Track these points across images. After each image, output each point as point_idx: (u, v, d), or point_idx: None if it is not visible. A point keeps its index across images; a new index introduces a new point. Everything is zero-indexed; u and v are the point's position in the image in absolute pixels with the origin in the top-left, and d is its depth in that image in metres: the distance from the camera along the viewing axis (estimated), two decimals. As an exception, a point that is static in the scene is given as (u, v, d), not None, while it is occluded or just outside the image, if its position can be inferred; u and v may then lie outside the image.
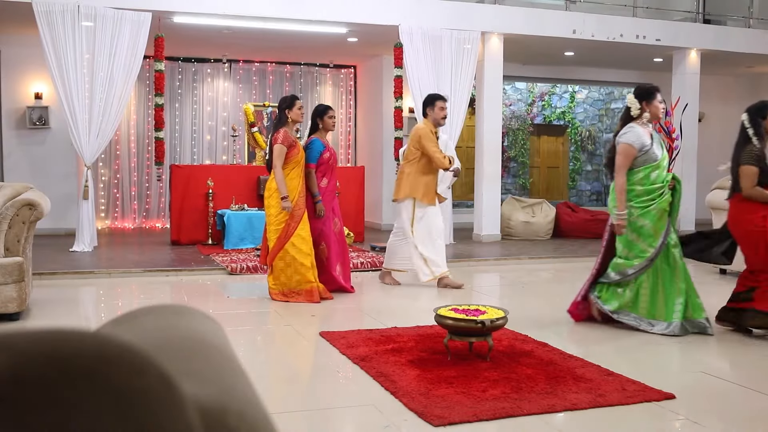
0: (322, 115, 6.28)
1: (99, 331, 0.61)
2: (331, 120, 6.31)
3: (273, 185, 5.97)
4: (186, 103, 12.11)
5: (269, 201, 5.98)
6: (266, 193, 6.06)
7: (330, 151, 6.34)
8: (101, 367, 0.47)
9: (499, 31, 10.04)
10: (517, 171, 16.37)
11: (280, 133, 5.93)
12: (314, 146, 6.24)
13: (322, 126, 6.30)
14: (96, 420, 0.45)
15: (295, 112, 6.02)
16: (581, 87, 16.42)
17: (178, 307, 0.81)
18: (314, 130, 6.35)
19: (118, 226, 11.66)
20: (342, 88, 13.05)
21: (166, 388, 0.50)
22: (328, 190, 6.33)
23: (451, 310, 4.19)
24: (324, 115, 6.28)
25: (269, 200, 5.98)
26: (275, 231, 5.93)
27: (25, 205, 5.15)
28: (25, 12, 8.34)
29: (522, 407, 3.32)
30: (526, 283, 7.39)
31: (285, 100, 6.13)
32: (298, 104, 6.07)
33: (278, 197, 5.91)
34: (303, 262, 5.91)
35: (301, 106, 6.11)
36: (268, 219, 5.99)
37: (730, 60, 11.97)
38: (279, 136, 5.92)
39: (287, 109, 6.03)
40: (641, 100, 5.06)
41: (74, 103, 8.35)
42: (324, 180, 6.28)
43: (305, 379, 3.98)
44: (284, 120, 6.04)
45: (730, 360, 4.41)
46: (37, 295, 6.01)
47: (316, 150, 6.22)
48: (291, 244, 5.91)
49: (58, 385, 0.45)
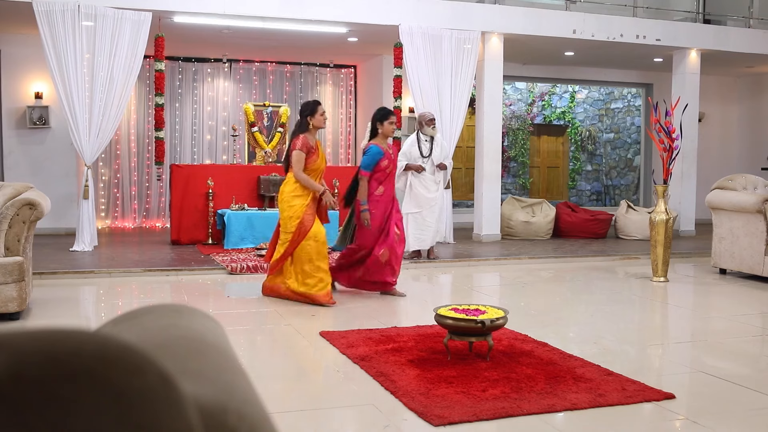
0: (382, 120, 6.00)
1: (99, 330, 0.62)
2: (392, 126, 6.02)
3: (287, 188, 5.81)
4: (186, 103, 12.11)
5: (281, 205, 5.85)
6: (279, 196, 5.93)
7: (389, 159, 6.04)
8: (101, 367, 0.48)
9: (499, 31, 10.04)
10: (517, 171, 16.37)
11: (299, 139, 5.73)
12: (371, 153, 5.95)
13: (381, 132, 6.01)
14: (96, 419, 0.46)
15: (318, 119, 5.79)
16: (581, 87, 16.42)
17: (177, 306, 0.81)
18: (373, 135, 6.07)
19: (118, 226, 11.66)
20: (342, 88, 13.05)
21: (166, 388, 0.50)
22: (384, 199, 6.04)
23: (451, 309, 4.19)
24: (384, 120, 5.99)
25: (281, 204, 5.85)
26: (287, 234, 5.79)
27: (26, 205, 5.15)
28: (25, 12, 8.34)
29: (522, 407, 3.32)
30: (526, 282, 7.39)
31: (307, 107, 5.88)
32: (320, 110, 5.82)
33: (289, 201, 5.75)
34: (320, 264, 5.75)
35: (323, 112, 5.85)
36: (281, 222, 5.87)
37: (730, 60, 11.97)
38: (298, 143, 5.72)
39: (309, 116, 5.79)
40: None
41: (74, 102, 8.35)
42: (380, 188, 6.00)
43: (305, 379, 3.98)
44: (305, 126, 5.81)
45: (730, 360, 4.41)
46: (37, 295, 6.01)
47: (372, 158, 5.93)
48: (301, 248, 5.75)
49: (58, 385, 0.45)
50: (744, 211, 7.31)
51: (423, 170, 7.98)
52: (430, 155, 8.04)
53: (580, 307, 6.25)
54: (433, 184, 8.05)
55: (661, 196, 7.32)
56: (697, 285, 7.35)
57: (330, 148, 12.98)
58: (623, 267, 8.50)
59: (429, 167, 8.03)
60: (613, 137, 16.94)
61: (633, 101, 16.36)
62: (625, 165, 16.75)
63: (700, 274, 7.88)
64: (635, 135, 16.23)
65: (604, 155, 17.05)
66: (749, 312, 5.88)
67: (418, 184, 7.99)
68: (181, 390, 0.51)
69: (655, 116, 7.66)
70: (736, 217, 7.44)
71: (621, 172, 16.86)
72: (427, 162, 8.02)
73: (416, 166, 7.96)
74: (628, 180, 16.58)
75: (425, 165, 8.00)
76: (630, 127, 16.60)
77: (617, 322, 5.43)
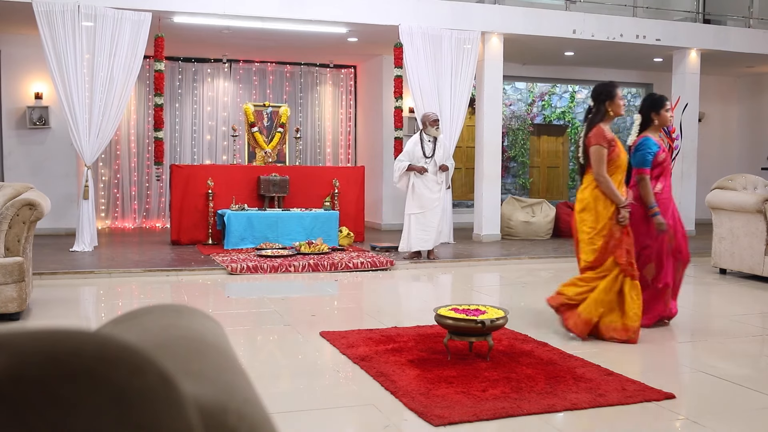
0: (657, 108, 5.11)
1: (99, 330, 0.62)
2: (668, 114, 5.15)
3: (586, 195, 4.77)
4: (186, 103, 12.11)
5: (582, 215, 4.78)
6: (578, 205, 4.85)
7: (665, 151, 5.17)
8: (101, 367, 0.48)
9: (499, 31, 10.04)
10: (517, 171, 16.37)
11: (597, 130, 4.74)
12: (648, 147, 5.03)
13: (657, 121, 5.12)
14: (96, 419, 0.46)
15: (617, 104, 4.79)
16: (581, 87, 16.41)
17: (177, 306, 0.81)
18: (645, 126, 5.16)
19: (118, 226, 11.66)
20: (342, 88, 13.05)
21: (166, 388, 0.50)
22: (664, 197, 5.11)
23: (451, 310, 4.19)
24: (660, 108, 5.10)
25: (582, 214, 4.78)
26: (591, 252, 4.71)
27: (26, 205, 5.15)
28: (25, 12, 8.34)
29: (522, 407, 3.32)
30: (526, 282, 7.39)
31: (604, 89, 4.84)
32: (619, 94, 4.82)
33: (594, 211, 4.70)
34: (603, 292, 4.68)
35: (622, 96, 4.87)
36: (581, 236, 4.78)
37: (730, 60, 11.97)
38: (593, 136, 4.73)
39: (607, 100, 4.78)
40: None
41: (74, 103, 8.35)
42: (658, 185, 5.10)
43: (305, 379, 3.97)
44: (603, 113, 4.80)
45: (730, 360, 4.41)
46: (37, 295, 6.01)
47: (650, 151, 5.02)
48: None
49: (58, 385, 0.45)
50: (744, 211, 7.31)
51: (426, 171, 7.98)
52: (433, 156, 8.04)
53: (580, 307, 6.23)
54: (435, 185, 8.06)
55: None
56: (697, 285, 7.35)
57: (330, 148, 12.98)
58: (623, 267, 8.49)
59: (432, 168, 8.04)
60: (613, 137, 16.92)
61: (633, 101, 16.36)
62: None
63: (700, 274, 7.87)
64: (635, 135, 16.21)
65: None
66: (749, 312, 5.88)
67: (420, 184, 8.00)
68: (181, 390, 0.51)
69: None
70: (736, 217, 7.44)
71: (621, 172, 16.84)
72: (429, 162, 8.03)
73: (419, 167, 7.96)
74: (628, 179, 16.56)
75: (428, 165, 8.00)
76: (630, 127, 16.58)
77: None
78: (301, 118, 12.65)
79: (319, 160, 12.85)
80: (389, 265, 7.77)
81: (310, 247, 8.31)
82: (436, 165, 8.06)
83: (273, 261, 7.58)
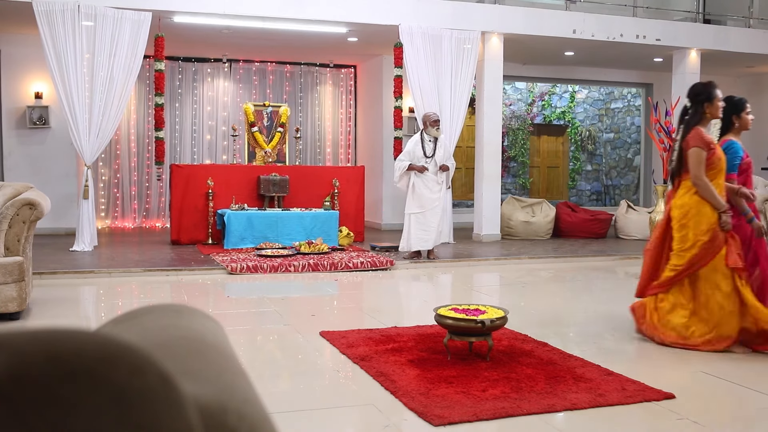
0: (738, 110, 4.87)
1: (99, 330, 0.61)
2: (749, 116, 4.93)
3: (685, 201, 4.58)
4: (186, 103, 12.11)
5: (683, 221, 4.57)
6: (675, 211, 4.64)
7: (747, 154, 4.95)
8: (101, 367, 0.47)
9: (499, 31, 10.04)
10: (517, 171, 16.37)
11: (693, 132, 4.57)
12: (734, 151, 4.78)
13: (739, 125, 4.89)
14: (96, 419, 0.46)
15: (716, 106, 4.62)
16: (581, 87, 16.42)
17: (177, 306, 0.81)
18: (727, 129, 4.93)
19: (118, 226, 11.66)
20: (342, 88, 13.05)
21: (166, 388, 0.50)
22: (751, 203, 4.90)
23: (451, 309, 4.19)
24: (742, 110, 4.87)
25: (683, 220, 4.57)
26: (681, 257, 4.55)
27: (26, 205, 5.15)
28: (25, 12, 8.34)
29: (522, 407, 3.32)
30: (526, 282, 7.39)
31: (703, 90, 4.66)
32: (719, 95, 4.64)
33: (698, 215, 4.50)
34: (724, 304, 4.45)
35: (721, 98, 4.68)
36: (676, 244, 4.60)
37: (730, 60, 11.97)
38: (692, 138, 4.56)
39: (706, 102, 4.61)
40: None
41: (74, 102, 8.35)
42: None
43: (305, 379, 3.97)
44: (701, 115, 4.63)
45: (730, 360, 4.41)
46: (37, 295, 6.01)
47: (737, 155, 4.79)
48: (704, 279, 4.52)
49: (58, 385, 0.45)
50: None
51: (426, 170, 7.98)
52: (434, 155, 8.04)
53: (580, 307, 6.24)
54: (435, 185, 8.06)
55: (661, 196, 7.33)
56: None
57: (330, 148, 12.99)
58: (623, 267, 8.51)
59: (432, 168, 8.04)
60: (613, 137, 16.94)
61: (633, 101, 16.37)
62: (625, 165, 16.76)
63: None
64: (635, 135, 16.24)
65: (604, 155, 17.05)
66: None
67: (420, 184, 8.01)
68: (181, 390, 0.51)
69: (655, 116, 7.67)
70: (736, 217, 7.43)
71: (621, 172, 16.86)
72: (430, 162, 8.03)
73: (419, 167, 7.96)
74: (628, 180, 16.59)
75: (428, 165, 8.01)
76: (630, 127, 16.60)
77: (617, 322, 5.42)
78: (301, 117, 12.65)
79: (319, 160, 12.85)
80: (389, 264, 7.78)
81: (310, 247, 8.31)
82: (437, 165, 8.06)
83: (273, 261, 7.58)
